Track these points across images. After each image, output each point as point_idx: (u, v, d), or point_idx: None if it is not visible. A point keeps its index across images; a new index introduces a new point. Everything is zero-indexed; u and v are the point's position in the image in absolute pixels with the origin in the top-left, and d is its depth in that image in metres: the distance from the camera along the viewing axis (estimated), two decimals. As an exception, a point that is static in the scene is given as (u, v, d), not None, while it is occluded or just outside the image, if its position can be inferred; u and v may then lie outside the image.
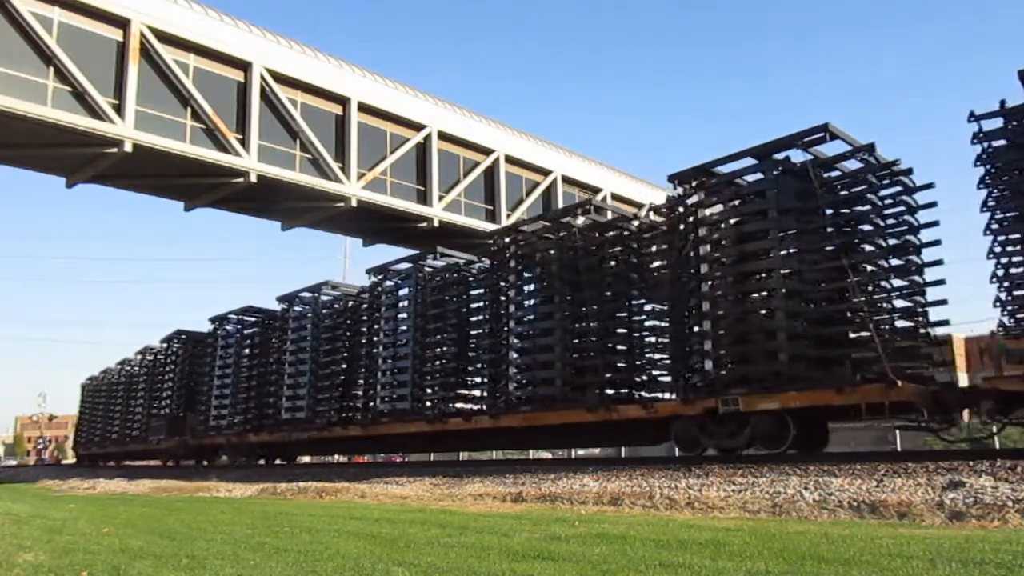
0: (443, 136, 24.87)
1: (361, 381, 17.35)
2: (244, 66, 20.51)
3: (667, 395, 12.14)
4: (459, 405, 15.20)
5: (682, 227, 11.47)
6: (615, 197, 29.19)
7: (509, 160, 26.85)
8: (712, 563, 4.28)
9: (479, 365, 14.96)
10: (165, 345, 26.98)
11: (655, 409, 11.38)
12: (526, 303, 13.94)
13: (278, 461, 22.14)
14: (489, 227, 25.20)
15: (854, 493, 6.86)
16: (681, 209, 11.54)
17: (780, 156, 10.55)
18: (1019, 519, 5.60)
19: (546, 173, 28.19)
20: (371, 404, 16.61)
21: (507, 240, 14.54)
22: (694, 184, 11.43)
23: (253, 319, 21.97)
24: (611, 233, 13.23)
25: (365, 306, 17.80)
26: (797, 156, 10.57)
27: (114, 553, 5.72)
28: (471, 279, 15.61)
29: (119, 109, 18.01)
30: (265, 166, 20.48)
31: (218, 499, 12.44)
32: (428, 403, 15.52)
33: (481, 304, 15.23)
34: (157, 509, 10.38)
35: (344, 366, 17.92)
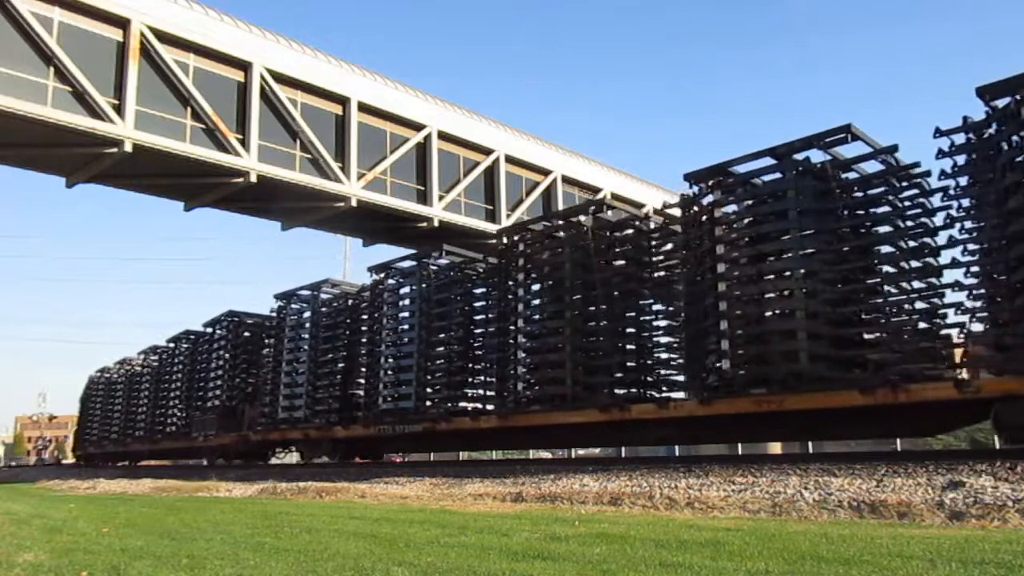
0: (443, 136, 24.90)
1: (491, 363, 14.64)
2: (244, 66, 20.53)
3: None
4: (619, 390, 12.56)
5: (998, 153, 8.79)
6: (615, 197, 29.24)
7: (509, 160, 26.88)
8: (712, 563, 4.28)
9: (671, 340, 12.36)
10: (210, 330, 23.75)
11: (974, 388, 8.63)
12: (741, 258, 10.86)
13: (357, 459, 19.63)
14: (490, 227, 25.28)
15: (854, 493, 6.86)
16: (993, 131, 8.92)
17: None
18: (1019, 519, 5.60)
19: (546, 173, 28.23)
20: (505, 392, 13.75)
21: (710, 183, 11.33)
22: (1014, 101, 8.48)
23: (329, 295, 19.04)
24: (875, 177, 10.41)
25: (475, 276, 15.54)
26: None
27: (114, 553, 5.72)
28: (644, 242, 13.06)
29: (119, 109, 18.03)
30: (265, 166, 20.50)
31: (218, 499, 12.44)
32: (585, 387, 12.61)
33: (664, 268, 12.68)
34: (157, 509, 10.38)
35: (456, 346, 15.30)
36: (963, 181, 9.20)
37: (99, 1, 17.89)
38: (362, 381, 17.35)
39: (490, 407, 14.52)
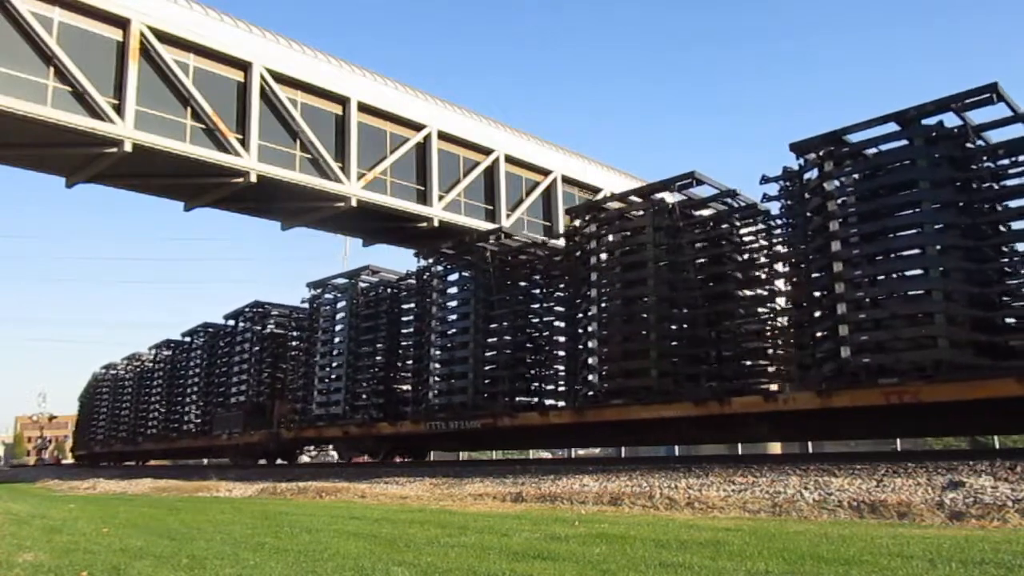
0: (443, 136, 24.89)
1: (555, 354, 13.67)
2: (244, 66, 20.52)
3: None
4: (708, 382, 11.27)
5: None
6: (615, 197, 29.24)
7: (509, 160, 26.86)
8: (712, 563, 4.28)
9: (771, 327, 11.10)
10: (231, 323, 22.43)
11: None
12: (859, 236, 9.67)
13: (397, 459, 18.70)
14: (490, 227, 25.24)
15: (854, 493, 6.85)
16: None
17: None
18: (1019, 519, 5.60)
19: (546, 173, 28.21)
20: (577, 385, 12.57)
21: (820, 154, 10.12)
22: None
23: (368, 283, 17.90)
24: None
25: (534, 261, 14.51)
26: None
27: (114, 553, 5.72)
28: (735, 221, 11.98)
29: (119, 109, 18.02)
30: (265, 166, 20.49)
31: (218, 499, 12.44)
32: (674, 378, 11.45)
33: (759, 248, 11.69)
34: (157, 509, 10.38)
35: (514, 336, 14.16)
36: None
37: (99, 1, 17.88)
38: (408, 375, 16.43)
39: (549, 401, 13.67)
